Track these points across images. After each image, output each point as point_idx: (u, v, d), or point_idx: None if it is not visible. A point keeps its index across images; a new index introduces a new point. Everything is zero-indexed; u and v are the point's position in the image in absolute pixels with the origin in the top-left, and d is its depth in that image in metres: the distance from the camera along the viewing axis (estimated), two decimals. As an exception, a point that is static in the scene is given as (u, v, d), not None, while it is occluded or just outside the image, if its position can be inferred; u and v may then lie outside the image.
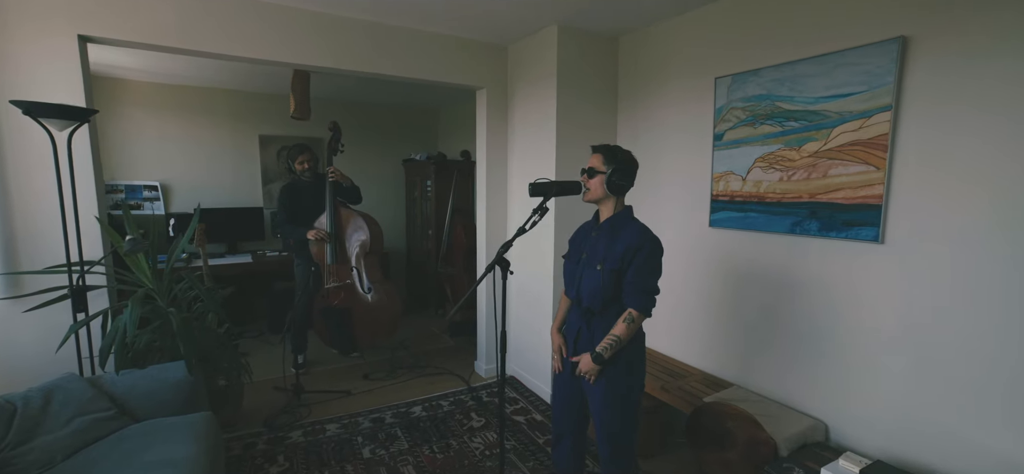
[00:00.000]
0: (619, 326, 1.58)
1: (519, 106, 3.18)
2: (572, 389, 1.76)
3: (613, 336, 1.57)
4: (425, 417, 2.79)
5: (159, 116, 4.19)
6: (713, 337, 2.47)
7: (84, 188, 2.13)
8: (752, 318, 2.27)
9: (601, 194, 1.64)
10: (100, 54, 3.31)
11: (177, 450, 1.66)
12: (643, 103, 2.80)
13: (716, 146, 2.38)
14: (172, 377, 1.99)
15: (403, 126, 5.43)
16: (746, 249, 2.28)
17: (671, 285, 2.62)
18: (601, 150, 1.65)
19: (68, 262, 1.96)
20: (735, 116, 2.28)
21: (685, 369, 2.53)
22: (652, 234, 1.63)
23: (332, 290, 3.28)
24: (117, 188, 4.09)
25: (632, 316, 1.57)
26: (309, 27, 2.59)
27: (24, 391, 1.73)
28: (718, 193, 2.38)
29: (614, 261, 1.59)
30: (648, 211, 2.75)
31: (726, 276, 2.39)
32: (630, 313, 1.57)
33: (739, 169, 2.28)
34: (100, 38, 2.15)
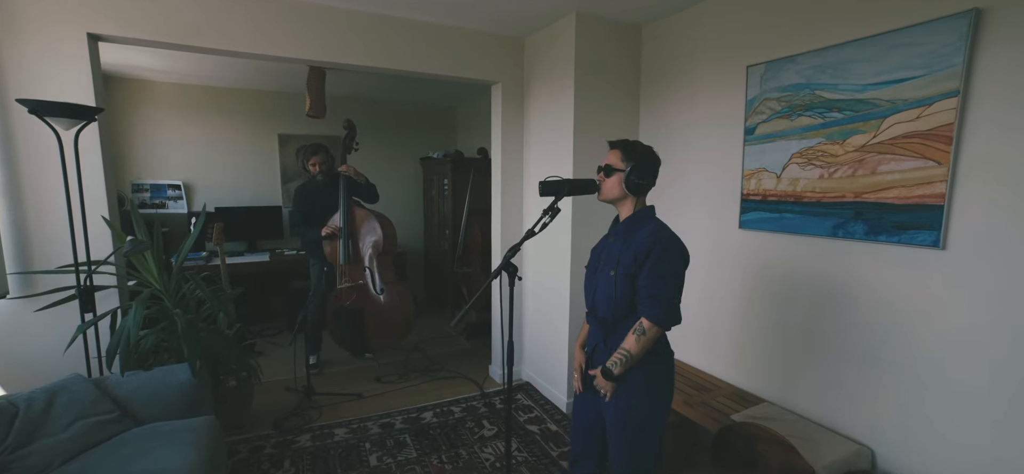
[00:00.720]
0: (629, 339, 1.42)
1: (535, 101, 3.05)
2: (592, 409, 1.60)
3: (623, 350, 1.43)
4: (436, 424, 2.70)
5: (182, 116, 4.24)
6: (743, 348, 2.28)
7: (94, 187, 2.12)
8: (787, 329, 2.08)
9: (618, 193, 1.49)
10: (124, 55, 3.35)
11: (173, 458, 1.61)
12: (667, 96, 2.63)
13: (747, 141, 2.19)
14: (176, 380, 1.95)
15: (421, 124, 5.36)
16: (780, 253, 2.09)
17: (697, 291, 2.45)
18: (619, 146, 1.51)
19: (75, 262, 1.95)
20: (769, 108, 2.09)
21: (711, 382, 2.35)
22: (668, 232, 1.46)
23: (344, 290, 3.23)
24: (143, 187, 4.17)
25: (643, 327, 1.40)
26: (317, 22, 2.52)
27: (28, 392, 1.72)
28: (749, 192, 2.19)
29: (627, 264, 1.44)
30: (672, 212, 2.57)
31: (757, 282, 2.20)
32: (641, 323, 1.41)
33: (773, 166, 2.09)
34: (109, 37, 2.14)
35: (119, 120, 4.04)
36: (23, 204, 2.04)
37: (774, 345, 2.13)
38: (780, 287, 2.10)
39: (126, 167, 4.10)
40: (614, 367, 1.43)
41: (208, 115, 4.34)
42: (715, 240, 2.38)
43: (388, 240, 3.33)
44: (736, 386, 2.30)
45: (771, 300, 2.14)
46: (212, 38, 2.31)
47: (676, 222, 2.56)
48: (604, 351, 1.52)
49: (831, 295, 1.89)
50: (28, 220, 2.05)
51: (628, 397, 1.47)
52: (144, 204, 4.14)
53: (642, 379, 1.46)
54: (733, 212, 2.27)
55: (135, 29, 2.16)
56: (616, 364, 1.43)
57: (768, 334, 2.16)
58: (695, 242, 2.45)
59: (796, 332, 2.04)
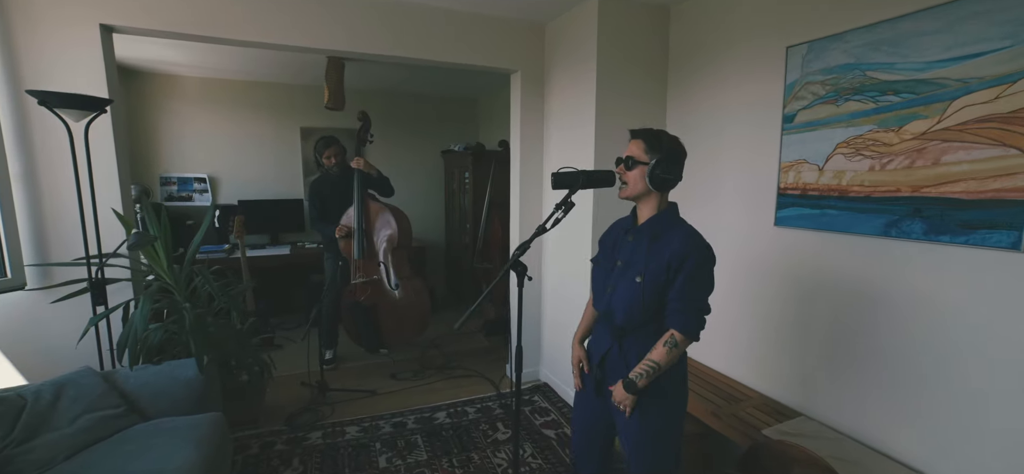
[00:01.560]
0: (658, 350, 1.30)
1: (556, 90, 2.90)
2: (595, 413, 1.50)
3: (651, 362, 1.30)
4: (449, 424, 2.62)
5: (207, 110, 4.29)
6: (776, 356, 2.09)
7: (108, 180, 2.11)
8: (827, 336, 1.88)
9: (641, 189, 1.35)
10: (151, 50, 3.40)
11: (173, 457, 1.57)
12: (697, 82, 2.44)
13: (786, 130, 1.99)
14: (183, 375, 1.92)
15: (442, 116, 5.28)
16: (821, 253, 1.89)
17: (727, 292, 2.26)
18: (642, 136, 1.36)
19: (86, 255, 1.95)
20: (811, 92, 1.89)
21: (741, 391, 2.17)
22: (702, 240, 1.33)
23: (359, 286, 3.19)
24: (170, 180, 4.25)
25: (676, 339, 1.29)
26: (331, 10, 2.45)
27: (38, 384, 1.72)
28: (787, 186, 1.99)
29: (658, 273, 1.30)
30: (701, 208, 2.39)
31: (795, 285, 2.00)
32: (673, 335, 1.29)
33: (815, 157, 1.88)
34: (122, 27, 2.13)
35: (147, 114, 4.12)
36: (40, 196, 2.06)
37: (813, 354, 1.94)
38: (821, 291, 1.90)
39: (155, 160, 4.18)
40: (639, 379, 1.31)
41: (233, 109, 4.38)
42: (748, 238, 2.19)
43: (403, 234, 3.26)
44: (768, 396, 2.11)
45: (810, 305, 1.94)
46: (223, 28, 2.27)
47: (705, 219, 2.40)
48: (619, 357, 1.39)
49: (879, 300, 1.69)
50: (45, 212, 2.07)
51: (651, 408, 1.35)
52: (171, 197, 4.22)
53: (658, 385, 1.34)
54: (768, 208, 2.07)
55: (147, 19, 2.14)
56: (642, 376, 1.30)
57: (806, 342, 1.96)
58: (726, 240, 2.27)
59: (839, 341, 1.84)
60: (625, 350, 1.38)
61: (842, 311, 1.82)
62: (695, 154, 2.43)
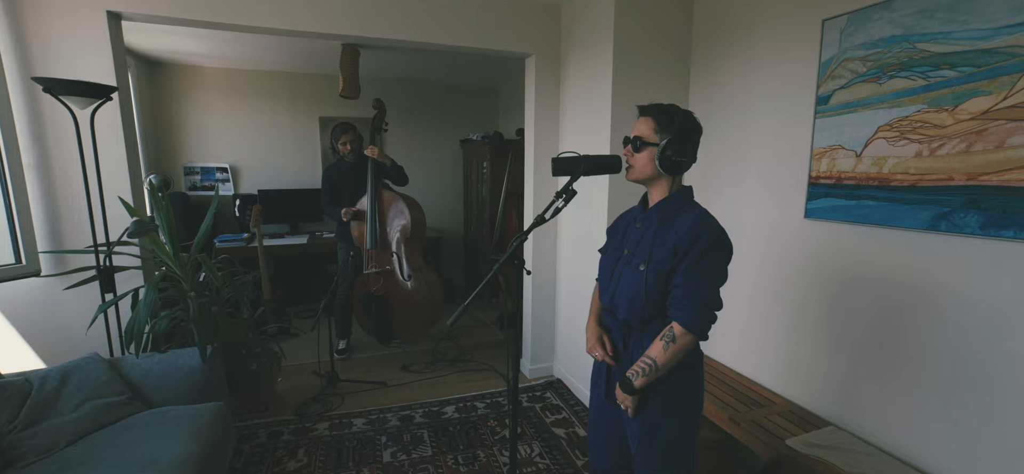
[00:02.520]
0: (655, 345, 1.18)
1: (572, 74, 2.77)
2: (613, 415, 1.37)
3: (647, 359, 1.18)
4: (456, 419, 2.56)
5: (229, 100, 4.35)
6: (804, 358, 1.92)
7: (116, 167, 2.12)
8: (863, 339, 1.70)
9: (650, 172, 1.22)
10: (175, 41, 3.43)
11: (168, 447, 1.56)
12: (722, 62, 2.25)
13: (819, 113, 1.81)
14: (187, 364, 1.92)
15: (461, 105, 5.20)
16: (857, 248, 1.70)
17: (751, 288, 2.10)
18: (651, 112, 1.23)
19: (94, 243, 1.96)
20: (850, 70, 1.70)
21: (764, 395, 2.01)
22: (713, 222, 1.19)
23: (371, 276, 3.15)
24: (194, 170, 4.33)
25: (674, 333, 1.15)
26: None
27: (44, 370, 1.74)
28: (819, 175, 1.81)
29: (663, 259, 1.18)
30: (725, 198, 2.22)
31: (827, 282, 1.82)
32: (672, 329, 1.15)
33: (852, 142, 1.70)
34: (129, 14, 2.12)
35: (172, 105, 4.20)
36: (53, 185, 2.09)
37: (846, 358, 1.76)
38: (856, 291, 1.72)
39: (179, 150, 4.27)
40: (635, 378, 1.19)
41: (253, 98, 4.42)
42: (775, 231, 2.01)
43: (416, 225, 3.20)
44: (793, 402, 1.95)
45: (844, 305, 1.76)
46: (230, 13, 2.24)
47: (729, 210, 2.23)
48: (624, 355, 1.28)
49: (927, 304, 1.50)
50: (58, 200, 2.10)
51: (652, 412, 1.23)
52: (195, 186, 4.31)
53: (667, 390, 1.22)
54: (798, 198, 1.90)
55: (154, 5, 2.13)
56: (637, 374, 1.19)
57: (839, 345, 1.79)
58: (751, 233, 2.10)
59: (877, 346, 1.66)
60: (631, 350, 1.27)
61: (881, 313, 1.64)
62: (719, 140, 2.26)
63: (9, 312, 2.12)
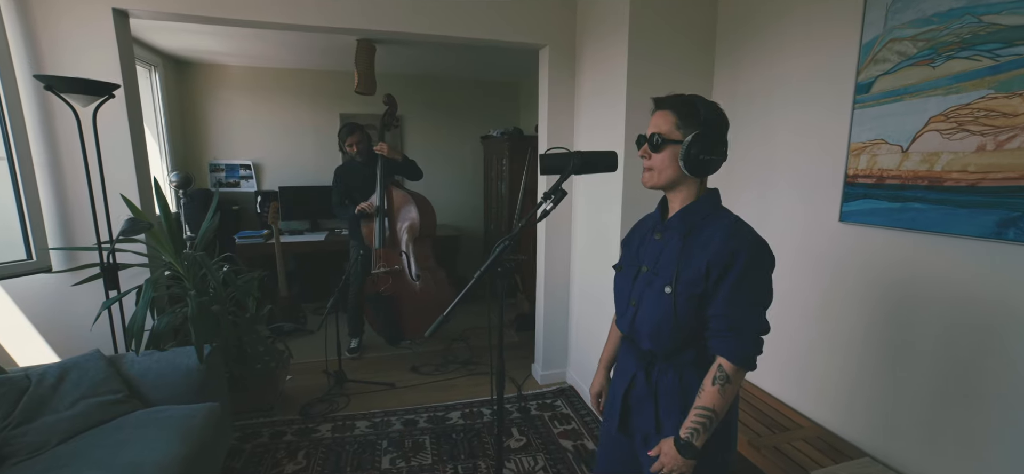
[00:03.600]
0: (708, 392, 0.97)
1: (587, 67, 2.61)
2: (619, 453, 1.20)
3: (704, 411, 0.97)
4: (461, 426, 2.47)
5: (252, 98, 4.41)
6: (837, 379, 1.71)
7: (122, 165, 2.14)
8: (905, 361, 1.49)
9: (672, 176, 1.03)
10: (200, 41, 3.49)
11: (154, 450, 1.53)
12: (749, 50, 2.05)
13: (858, 103, 1.59)
14: (185, 363, 1.90)
15: (482, 100, 5.10)
16: (901, 258, 1.49)
17: (777, 297, 1.90)
18: (671, 106, 1.02)
19: (98, 240, 1.98)
20: (896, 52, 1.48)
21: (789, 417, 1.81)
22: (750, 232, 1.00)
23: (380, 276, 3.10)
24: (219, 167, 4.42)
25: (726, 373, 0.96)
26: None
27: (44, 366, 1.75)
28: (858, 173, 1.60)
29: (694, 280, 0.99)
30: (750, 200, 2.03)
31: (864, 294, 1.61)
32: (721, 367, 0.97)
33: (896, 135, 1.48)
34: (135, 11, 2.12)
35: (198, 103, 4.29)
36: (64, 182, 2.12)
37: (884, 380, 1.55)
38: (899, 305, 1.50)
39: (205, 148, 4.37)
40: (694, 437, 0.97)
41: (276, 96, 4.46)
42: (805, 236, 1.81)
43: (426, 225, 3.13)
44: (823, 427, 1.75)
45: (883, 320, 1.55)
46: (237, 9, 2.22)
47: (754, 213, 2.02)
48: (646, 387, 1.09)
49: (988, 327, 1.29)
50: (68, 197, 2.13)
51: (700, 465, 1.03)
52: (220, 183, 4.40)
53: None
54: (832, 200, 1.69)
55: (159, 2, 2.12)
56: (697, 433, 0.97)
57: (877, 366, 1.58)
58: (777, 238, 1.87)
59: (920, 366, 1.45)
60: (654, 381, 1.09)
61: (930, 332, 1.43)
62: (745, 137, 2.07)
63: (26, 307, 2.17)
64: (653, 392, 1.08)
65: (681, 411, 1.03)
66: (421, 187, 4.49)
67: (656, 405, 1.08)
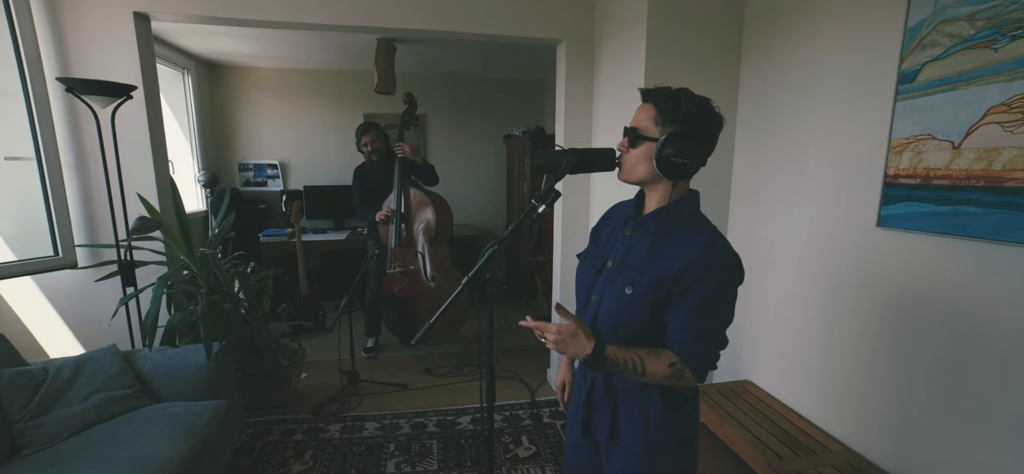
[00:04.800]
0: (658, 363, 0.92)
1: (605, 62, 2.50)
2: (588, 465, 1.15)
3: (639, 360, 0.91)
4: (470, 432, 2.41)
5: (279, 99, 4.51)
6: (871, 398, 1.54)
7: (140, 165, 2.19)
8: (954, 383, 1.31)
9: (644, 174, 0.97)
10: (230, 44, 3.59)
11: (157, 448, 1.55)
12: (778, 43, 1.89)
13: (901, 93, 1.43)
14: (194, 360, 1.93)
15: (505, 99, 5.03)
16: (952, 268, 1.32)
17: (803, 308, 1.74)
18: (653, 99, 0.97)
19: (115, 238, 2.03)
20: (949, 35, 1.31)
21: (815, 438, 1.65)
22: (731, 251, 0.94)
23: (395, 276, 3.09)
24: (247, 167, 4.55)
25: (679, 370, 0.92)
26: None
27: (62, 360, 1.81)
28: (899, 173, 1.43)
29: (656, 284, 0.93)
30: (779, 201, 1.87)
31: (905, 307, 1.44)
32: (681, 365, 0.92)
33: (946, 130, 1.31)
34: (155, 14, 2.17)
35: (228, 105, 4.43)
36: (88, 181, 2.19)
37: (927, 402, 1.38)
38: (946, 322, 1.33)
39: (234, 148, 4.50)
40: (613, 364, 0.91)
41: (302, 97, 4.55)
42: (837, 242, 1.64)
43: (442, 225, 3.09)
44: (853, 450, 1.58)
45: (930, 340, 1.37)
46: (251, 10, 2.23)
47: (782, 215, 1.86)
48: (606, 395, 1.04)
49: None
50: (93, 196, 2.20)
51: (634, 460, 1.02)
52: (248, 182, 4.52)
53: (657, 436, 0.99)
54: (869, 202, 1.52)
55: (178, 5, 2.16)
56: (617, 363, 0.91)
57: (919, 384, 1.40)
58: (805, 243, 1.74)
59: (972, 390, 1.27)
60: (614, 387, 1.03)
61: (988, 356, 1.25)
62: (774, 134, 1.91)
63: (55, 302, 2.27)
64: (613, 396, 1.03)
65: (642, 418, 0.99)
66: (442, 187, 4.46)
67: (615, 411, 1.02)
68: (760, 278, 2.02)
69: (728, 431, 1.70)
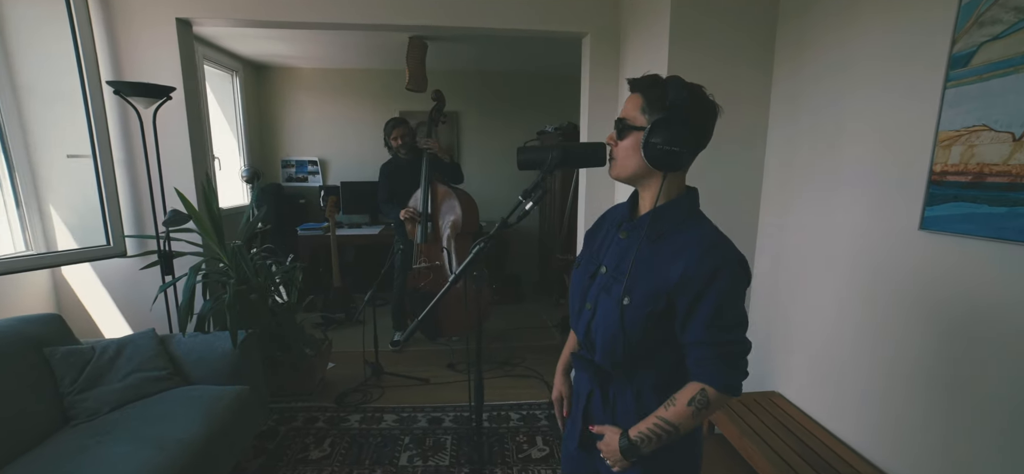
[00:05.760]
0: (680, 409, 0.87)
1: (631, 55, 2.41)
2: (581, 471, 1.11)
3: (665, 424, 0.87)
4: (485, 430, 2.40)
5: (320, 98, 4.69)
6: (908, 417, 1.38)
7: (180, 161, 2.34)
8: (1009, 404, 1.15)
9: (634, 167, 0.90)
10: (275, 46, 3.78)
11: (180, 428, 1.64)
12: (814, 34, 1.74)
13: (952, 79, 1.27)
14: (221, 346, 2.03)
15: (538, 96, 4.98)
16: (1008, 278, 1.15)
17: (834, 312, 1.60)
18: (641, 88, 0.90)
19: (156, 230, 2.17)
20: (1013, 8, 1.16)
21: (841, 456, 1.51)
22: (735, 250, 0.86)
23: (420, 271, 3.13)
24: (290, 163, 4.77)
25: (708, 398, 0.85)
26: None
27: (106, 341, 1.96)
28: (947, 169, 1.27)
29: (654, 294, 0.86)
30: (811, 201, 1.72)
31: (950, 319, 1.28)
32: (704, 392, 0.85)
33: (1007, 120, 1.15)
34: (196, 19, 2.31)
35: (273, 104, 4.66)
36: (136, 176, 2.37)
37: (986, 428, 1.21)
38: (1002, 337, 1.16)
39: (278, 146, 4.73)
40: (643, 443, 0.89)
41: (340, 96, 4.71)
42: (874, 246, 1.48)
43: (468, 221, 3.10)
44: (884, 473, 1.42)
45: (980, 355, 1.21)
46: (290, 11, 2.33)
47: (814, 216, 1.71)
48: (603, 409, 0.99)
49: None
50: (140, 190, 2.38)
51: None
52: (290, 178, 4.75)
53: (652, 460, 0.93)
54: (911, 202, 1.36)
55: (216, 10, 2.29)
56: (648, 440, 0.89)
57: (973, 408, 1.24)
58: (838, 247, 1.60)
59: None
60: (611, 400, 0.98)
61: (1043, 378, 1.09)
62: (807, 129, 1.77)
63: (110, 287, 2.47)
64: (611, 413, 0.97)
65: None
66: (475, 184, 4.49)
67: (614, 423, 0.96)
68: (792, 281, 1.87)
69: (747, 445, 1.58)
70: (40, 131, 2.21)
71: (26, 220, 2.26)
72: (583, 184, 2.74)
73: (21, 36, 2.10)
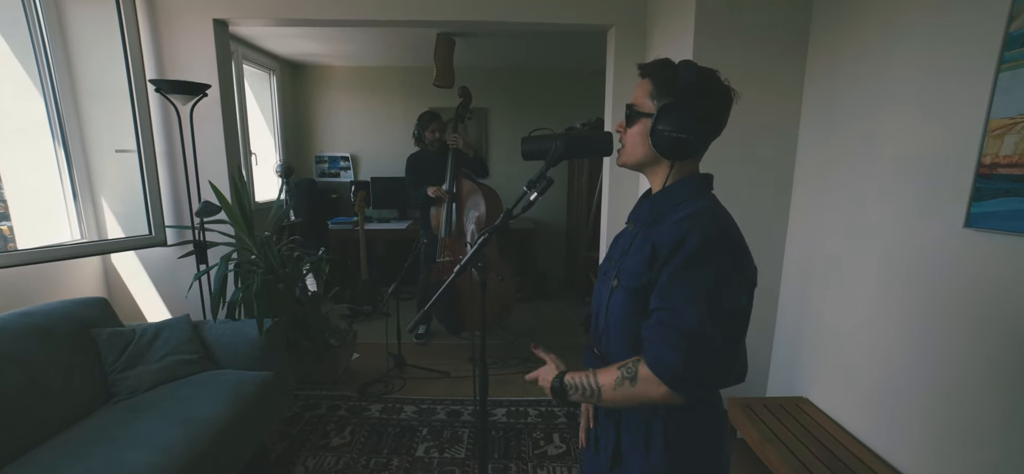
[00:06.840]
0: (610, 372, 0.81)
1: (657, 46, 2.34)
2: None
3: (591, 378, 0.83)
4: (503, 424, 2.40)
5: (352, 95, 4.81)
6: (954, 436, 1.27)
7: (214, 155, 2.45)
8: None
9: (642, 155, 0.86)
10: (310, 46, 3.91)
11: (208, 409, 1.72)
12: (852, 21, 1.62)
13: (1007, 61, 1.15)
14: (249, 333, 2.12)
15: (568, 91, 4.92)
16: (1069, 283, 1.04)
17: (872, 321, 1.50)
18: (651, 73, 0.86)
19: (191, 221, 2.28)
20: (1067, -14, 1.03)
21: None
22: (712, 218, 0.79)
23: (444, 265, 3.16)
24: (323, 159, 4.92)
25: (636, 372, 0.77)
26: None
27: (145, 324, 2.08)
28: (998, 161, 1.16)
29: (637, 270, 0.82)
30: (848, 197, 1.62)
31: (1006, 328, 1.16)
32: (636, 363, 0.78)
33: (1067, 105, 1.04)
34: (232, 20, 2.40)
35: (308, 102, 4.81)
36: (176, 169, 2.50)
37: None
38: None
39: (312, 142, 4.88)
40: (571, 391, 0.87)
41: (371, 93, 4.81)
42: (914, 245, 1.37)
43: (492, 216, 3.10)
44: (942, 503, 1.31)
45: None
46: (321, 9, 2.40)
47: (851, 213, 1.61)
48: (607, 415, 0.95)
49: None
50: (179, 182, 2.50)
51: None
52: (323, 173, 4.90)
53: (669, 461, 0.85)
54: (956, 197, 1.25)
55: (251, 11, 2.38)
56: (575, 389, 0.87)
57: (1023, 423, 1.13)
58: (874, 246, 1.49)
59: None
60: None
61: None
62: (843, 116, 1.65)
63: (152, 274, 2.62)
64: (616, 419, 0.92)
65: (644, 450, 0.86)
66: (503, 178, 4.49)
67: (618, 433, 0.91)
68: (824, 280, 1.76)
69: (769, 451, 1.51)
70: (93, 127, 2.36)
71: (82, 211, 2.42)
72: (607, 180, 2.68)
73: (80, 40, 2.25)
